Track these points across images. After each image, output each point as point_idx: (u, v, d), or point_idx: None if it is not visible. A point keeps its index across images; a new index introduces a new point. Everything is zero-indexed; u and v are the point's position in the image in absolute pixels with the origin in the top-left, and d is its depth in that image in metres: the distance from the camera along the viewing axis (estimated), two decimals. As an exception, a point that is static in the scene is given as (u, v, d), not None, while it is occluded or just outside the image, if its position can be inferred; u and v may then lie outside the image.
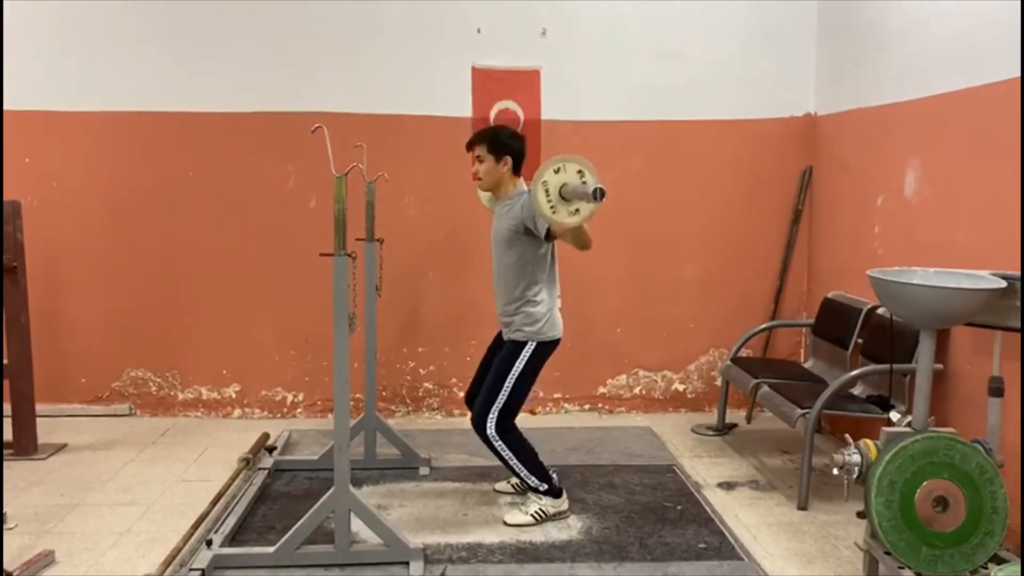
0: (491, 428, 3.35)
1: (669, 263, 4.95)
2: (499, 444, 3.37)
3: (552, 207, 2.96)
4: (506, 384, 3.36)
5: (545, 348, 3.40)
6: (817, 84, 4.85)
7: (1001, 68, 3.22)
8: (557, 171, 2.94)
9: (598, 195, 2.76)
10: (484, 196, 3.69)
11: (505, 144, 3.38)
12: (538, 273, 3.36)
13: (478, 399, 3.42)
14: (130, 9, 4.60)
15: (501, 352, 3.45)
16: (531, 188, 3.02)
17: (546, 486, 3.41)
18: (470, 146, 3.45)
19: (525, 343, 3.37)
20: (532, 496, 3.44)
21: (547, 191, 2.94)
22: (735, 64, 4.84)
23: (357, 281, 3.12)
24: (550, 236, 3.25)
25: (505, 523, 3.37)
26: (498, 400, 3.35)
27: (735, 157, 4.90)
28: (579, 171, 2.95)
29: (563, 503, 3.45)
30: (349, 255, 2.90)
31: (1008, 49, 3.18)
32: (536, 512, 3.37)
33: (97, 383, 4.84)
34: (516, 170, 3.44)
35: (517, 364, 3.37)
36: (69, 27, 4.60)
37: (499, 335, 3.57)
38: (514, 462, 3.38)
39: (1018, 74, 3.12)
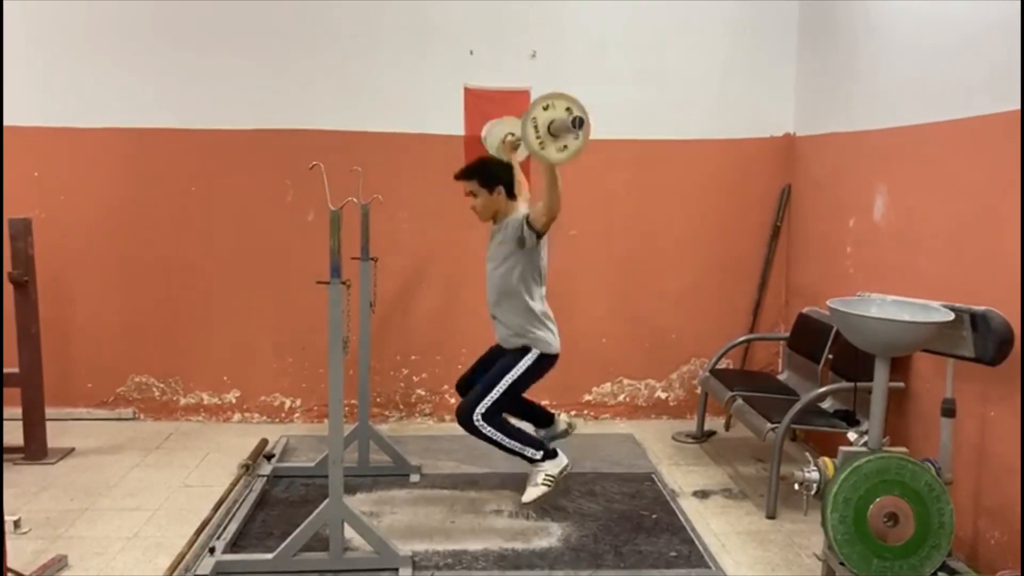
0: (478, 419, 3.55)
1: (653, 276, 5.15)
2: (487, 430, 3.57)
3: (541, 143, 3.03)
4: (502, 383, 3.56)
5: (545, 360, 3.60)
6: (796, 105, 5.03)
7: (960, 106, 3.40)
8: (546, 108, 3.00)
9: (577, 123, 2.88)
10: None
11: (495, 176, 3.56)
12: (534, 279, 3.55)
13: (473, 391, 3.62)
14: (135, 30, 4.78)
15: (504, 358, 3.64)
16: (521, 125, 3.06)
17: (541, 453, 3.60)
18: (459, 180, 3.61)
19: (529, 349, 3.57)
20: (534, 469, 3.63)
21: (536, 127, 3.01)
22: (717, 85, 5.02)
23: (352, 298, 3.27)
24: (539, 233, 3.41)
25: (524, 503, 3.57)
26: (490, 396, 3.56)
27: (717, 175, 5.09)
28: (567, 108, 3.00)
29: (562, 460, 3.63)
30: (344, 283, 3.07)
31: (967, 88, 3.35)
32: (544, 480, 3.56)
33: (103, 388, 5.04)
34: (510, 195, 3.61)
35: (517, 368, 3.58)
36: (76, 47, 4.78)
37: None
38: (506, 442, 3.59)
39: (976, 113, 3.29)
